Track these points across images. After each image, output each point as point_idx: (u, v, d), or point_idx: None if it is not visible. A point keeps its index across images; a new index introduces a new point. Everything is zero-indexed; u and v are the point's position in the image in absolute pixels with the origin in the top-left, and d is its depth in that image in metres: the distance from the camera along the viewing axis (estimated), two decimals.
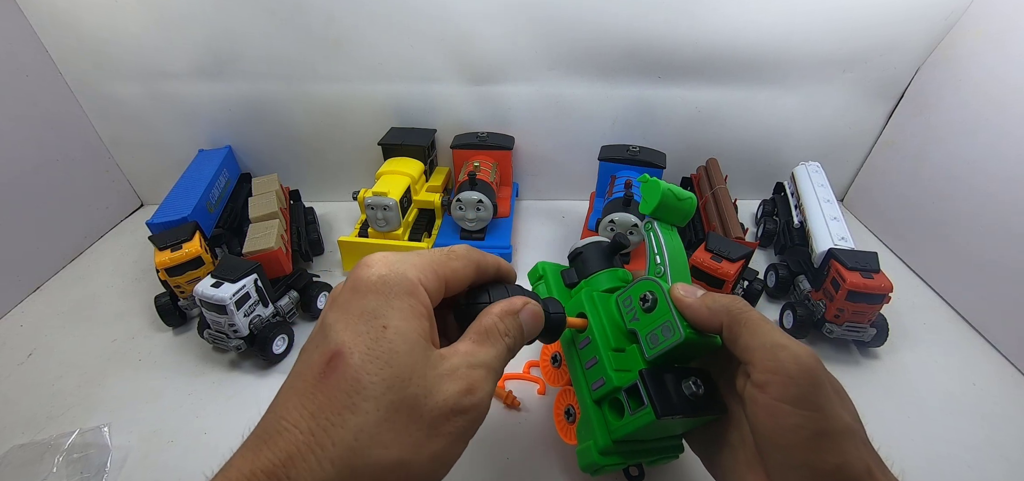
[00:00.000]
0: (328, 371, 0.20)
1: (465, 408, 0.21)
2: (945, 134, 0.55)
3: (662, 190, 0.31)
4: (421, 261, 0.24)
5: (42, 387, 0.45)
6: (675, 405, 0.25)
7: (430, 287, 0.23)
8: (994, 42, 0.51)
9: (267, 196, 0.56)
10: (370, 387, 0.19)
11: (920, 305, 0.54)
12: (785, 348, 0.24)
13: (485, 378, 0.22)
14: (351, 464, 0.18)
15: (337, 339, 0.20)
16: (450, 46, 0.58)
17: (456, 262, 0.25)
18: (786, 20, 0.55)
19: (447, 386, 0.21)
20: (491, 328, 0.24)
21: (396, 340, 0.20)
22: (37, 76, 0.57)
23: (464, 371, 0.22)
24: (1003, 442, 0.40)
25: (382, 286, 0.21)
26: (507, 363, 0.25)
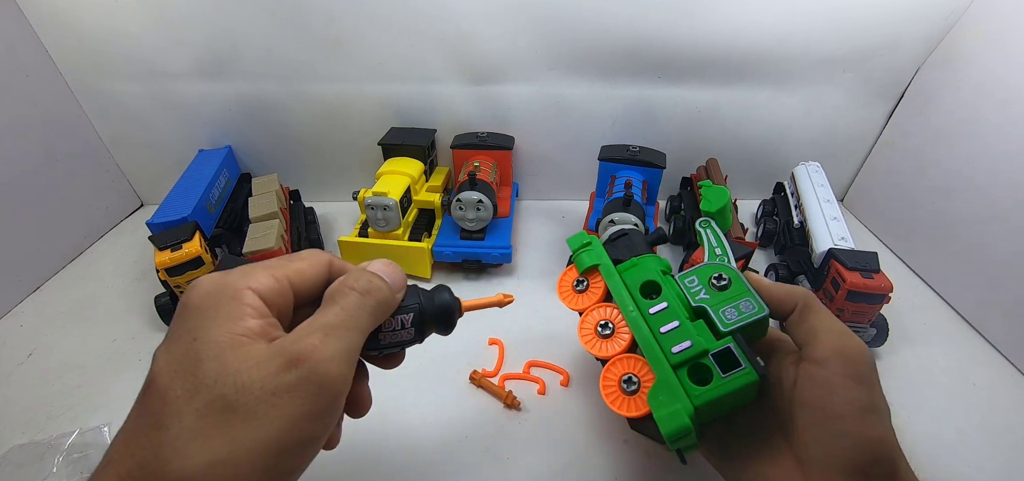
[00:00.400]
0: (142, 399, 0.20)
1: (289, 384, 0.19)
2: (945, 134, 0.55)
3: (728, 196, 0.35)
4: (253, 268, 0.23)
5: (42, 387, 0.45)
6: (762, 370, 0.27)
7: (263, 288, 0.22)
8: (994, 42, 0.51)
9: (267, 196, 0.56)
10: (175, 401, 0.18)
11: (920, 305, 0.54)
12: (849, 334, 0.28)
13: (322, 342, 0.20)
14: (169, 479, 0.17)
15: (153, 367, 0.20)
16: (450, 46, 0.58)
17: (299, 262, 0.24)
18: (786, 20, 0.55)
19: (262, 369, 0.19)
20: (335, 289, 0.23)
21: (202, 348, 0.19)
22: (37, 76, 0.57)
23: (288, 345, 0.20)
24: (1003, 442, 0.40)
25: (201, 303, 0.21)
26: (370, 322, 0.23)
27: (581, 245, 0.36)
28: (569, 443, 0.39)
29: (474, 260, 0.55)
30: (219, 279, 0.22)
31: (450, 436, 0.40)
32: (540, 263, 0.59)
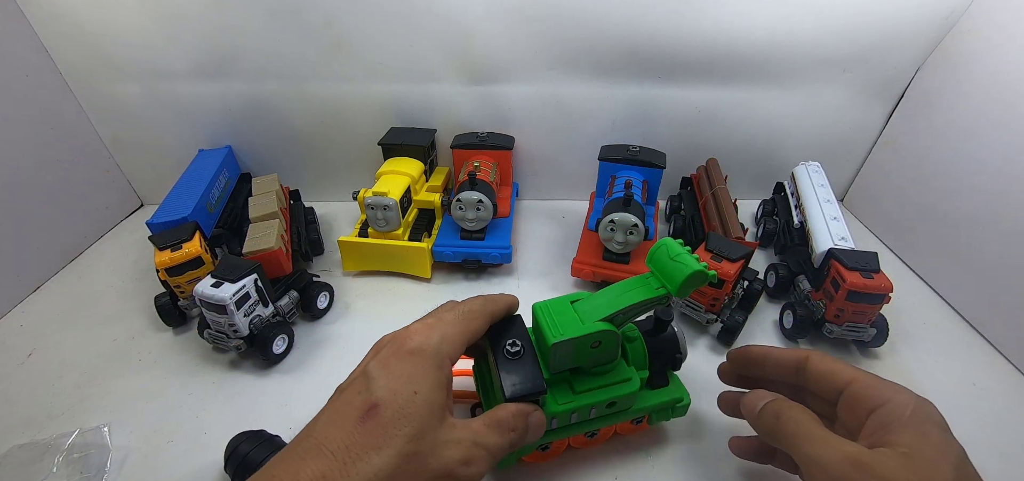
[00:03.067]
0: (367, 417, 0.24)
1: (459, 476, 0.25)
2: (945, 134, 0.55)
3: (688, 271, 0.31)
4: (452, 333, 0.29)
5: (42, 387, 0.45)
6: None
7: (455, 355, 0.29)
8: (994, 42, 0.51)
9: (267, 196, 0.56)
10: (395, 438, 0.24)
11: (920, 305, 0.54)
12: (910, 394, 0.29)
13: (483, 457, 0.27)
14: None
15: (378, 393, 0.25)
16: (450, 46, 0.58)
17: (476, 322, 0.31)
18: (786, 20, 0.55)
19: (451, 452, 0.25)
20: (503, 421, 0.29)
21: (421, 405, 0.25)
22: (37, 76, 0.57)
23: (469, 445, 0.26)
24: (1003, 442, 0.40)
25: (420, 356, 0.27)
26: (507, 454, 0.29)
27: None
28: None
29: (474, 260, 0.55)
30: (431, 338, 0.28)
31: None
32: (540, 263, 0.59)
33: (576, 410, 0.33)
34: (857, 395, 0.29)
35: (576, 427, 0.35)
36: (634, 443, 0.39)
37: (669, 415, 0.38)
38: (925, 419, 0.27)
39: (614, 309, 0.31)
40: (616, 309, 0.31)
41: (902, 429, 0.26)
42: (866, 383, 0.29)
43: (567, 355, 0.32)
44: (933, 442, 0.25)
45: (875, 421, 0.27)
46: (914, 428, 0.26)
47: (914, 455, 0.25)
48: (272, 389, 0.44)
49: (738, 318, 0.46)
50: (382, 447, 0.23)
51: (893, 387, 0.29)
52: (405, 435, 0.24)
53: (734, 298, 0.48)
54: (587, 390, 0.33)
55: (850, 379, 0.30)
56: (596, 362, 0.33)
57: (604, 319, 0.31)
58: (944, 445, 0.26)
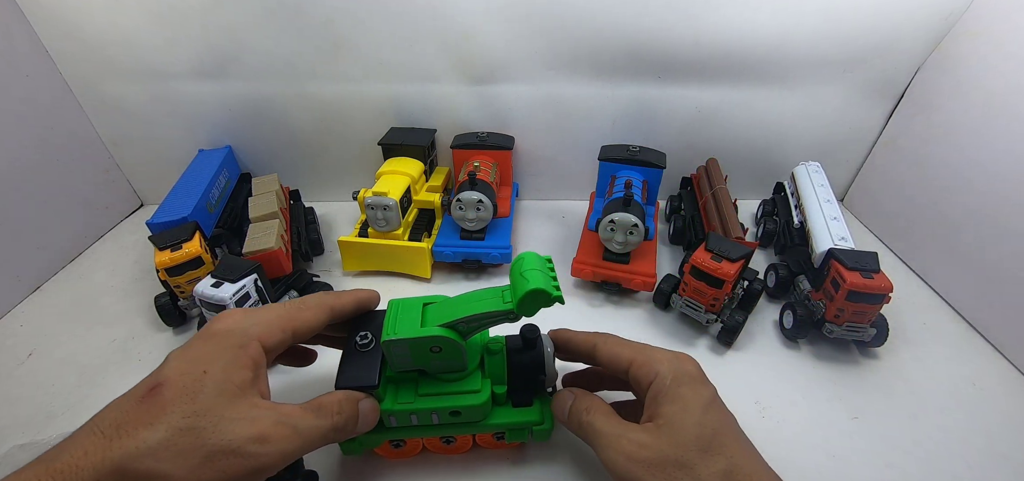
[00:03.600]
0: (147, 396, 0.24)
1: (246, 452, 0.24)
2: (945, 134, 0.55)
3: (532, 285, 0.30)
4: (268, 317, 0.29)
5: (42, 387, 0.45)
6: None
7: (270, 341, 0.29)
8: (994, 42, 0.51)
9: (267, 196, 0.56)
10: (170, 414, 0.23)
11: (920, 305, 0.54)
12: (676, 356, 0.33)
13: (289, 436, 0.26)
14: (124, 467, 0.22)
15: (165, 374, 0.25)
16: (450, 46, 0.58)
17: (306, 312, 0.31)
18: (786, 20, 0.55)
19: (238, 429, 0.24)
20: (326, 405, 0.29)
21: (209, 382, 0.25)
22: (37, 76, 0.57)
23: (267, 423, 0.25)
24: (1003, 443, 0.40)
25: (220, 337, 0.27)
26: (328, 441, 0.29)
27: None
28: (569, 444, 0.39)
29: (474, 260, 0.55)
30: (240, 320, 0.28)
31: None
32: None
33: (414, 411, 0.33)
34: (636, 377, 0.32)
35: (423, 430, 0.34)
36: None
37: (526, 436, 0.36)
38: (679, 381, 0.30)
39: (456, 316, 0.31)
40: (458, 316, 0.31)
41: (664, 398, 0.30)
42: (640, 362, 0.32)
43: (402, 355, 0.31)
44: (683, 402, 0.29)
45: (649, 397, 0.31)
46: (671, 394, 0.30)
47: (666, 424, 0.29)
48: (272, 389, 0.44)
49: (738, 318, 0.46)
50: (155, 421, 0.23)
51: (661, 357, 0.32)
52: (183, 411, 0.24)
53: (734, 298, 0.48)
54: (430, 394, 0.33)
55: (629, 360, 0.32)
56: (440, 368, 0.33)
57: (445, 325, 0.31)
58: (692, 400, 0.29)
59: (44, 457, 0.23)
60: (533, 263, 0.31)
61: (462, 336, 0.31)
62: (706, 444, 0.28)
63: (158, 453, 0.22)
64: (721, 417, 0.30)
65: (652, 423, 0.29)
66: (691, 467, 0.27)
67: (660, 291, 0.50)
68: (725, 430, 0.29)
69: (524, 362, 0.35)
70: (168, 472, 0.23)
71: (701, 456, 0.27)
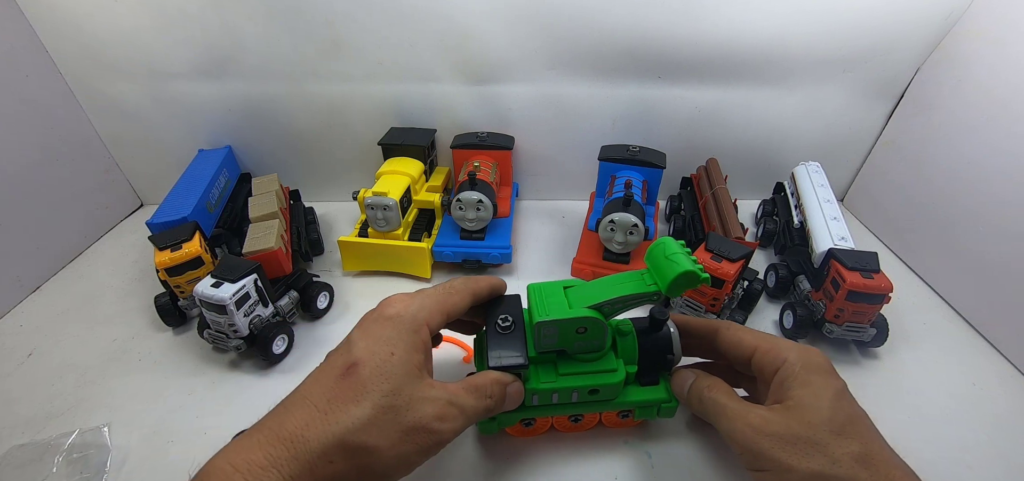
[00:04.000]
0: (346, 374, 0.27)
1: (433, 429, 0.27)
2: (945, 134, 0.55)
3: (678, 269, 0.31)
4: (429, 303, 0.31)
5: (42, 387, 0.45)
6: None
7: (433, 323, 0.31)
8: (994, 42, 0.51)
9: (267, 196, 0.56)
10: (372, 392, 0.26)
11: (920, 305, 0.54)
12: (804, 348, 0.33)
13: (458, 415, 0.29)
14: (343, 439, 0.25)
15: (357, 353, 0.28)
16: (450, 46, 0.58)
17: (455, 296, 0.33)
18: (786, 21, 0.55)
19: (427, 408, 0.27)
20: (481, 386, 0.31)
21: (397, 364, 0.28)
22: (37, 76, 0.57)
23: (444, 403, 0.28)
24: (1003, 442, 0.40)
25: (397, 321, 0.30)
26: (483, 417, 0.31)
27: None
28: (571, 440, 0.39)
29: (474, 260, 0.55)
30: (408, 305, 0.31)
31: None
32: (540, 263, 0.59)
33: (557, 390, 0.34)
34: (761, 363, 0.33)
35: (558, 408, 0.36)
36: (635, 441, 0.39)
37: (654, 413, 0.38)
38: (809, 369, 0.31)
39: (602, 298, 0.32)
40: (604, 298, 0.32)
41: (793, 383, 0.31)
42: (766, 349, 0.33)
43: (551, 336, 0.33)
44: (815, 389, 0.30)
45: (776, 381, 0.32)
46: (801, 379, 0.30)
47: (797, 405, 0.29)
48: (272, 389, 0.44)
49: (738, 318, 0.46)
50: (360, 399, 0.26)
51: (788, 346, 0.33)
52: (382, 390, 0.26)
53: (734, 298, 0.48)
54: (571, 374, 0.34)
55: (753, 347, 0.34)
56: (582, 348, 0.34)
57: (592, 307, 0.32)
58: (824, 387, 0.30)
59: (267, 423, 0.26)
60: (675, 247, 0.32)
61: (606, 317, 0.33)
62: (839, 427, 0.28)
63: (368, 428, 0.25)
64: (855, 407, 0.30)
65: (780, 404, 0.30)
66: (824, 446, 0.27)
67: None
68: (859, 418, 0.30)
69: (653, 342, 0.37)
70: (377, 445, 0.26)
71: (834, 437, 0.28)
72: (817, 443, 0.28)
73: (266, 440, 0.25)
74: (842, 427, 0.28)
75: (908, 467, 0.29)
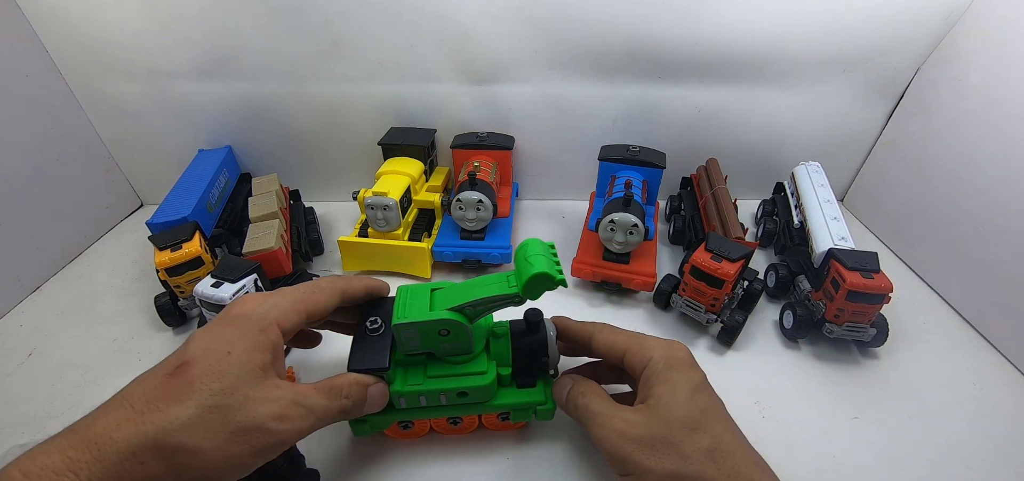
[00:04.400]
0: (175, 373, 0.26)
1: (269, 429, 0.26)
2: (945, 134, 0.55)
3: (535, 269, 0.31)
4: (284, 302, 0.30)
5: (42, 387, 0.45)
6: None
7: (287, 323, 0.30)
8: (994, 42, 0.51)
9: (267, 196, 0.56)
10: (199, 392, 0.25)
11: (920, 305, 0.54)
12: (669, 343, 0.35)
13: (303, 415, 0.28)
14: (157, 439, 0.23)
15: (191, 352, 0.26)
16: (450, 46, 0.58)
17: (318, 295, 0.32)
18: (786, 21, 0.55)
19: (262, 408, 0.26)
20: (337, 387, 0.30)
21: (233, 363, 0.26)
22: (37, 76, 0.57)
23: (285, 403, 0.27)
24: (1003, 442, 0.40)
25: (242, 320, 0.28)
26: (335, 420, 0.30)
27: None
28: (570, 426, 0.39)
29: (474, 260, 0.55)
30: (259, 305, 0.30)
31: None
32: None
33: (424, 393, 0.34)
34: (630, 364, 0.34)
35: (431, 411, 0.36)
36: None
37: (530, 415, 0.38)
38: (670, 365, 0.32)
39: (464, 300, 0.32)
40: (466, 300, 0.32)
41: (655, 381, 0.31)
42: (634, 350, 0.33)
43: (412, 338, 0.33)
44: (672, 385, 0.31)
45: (643, 380, 0.32)
46: (662, 377, 0.31)
47: (656, 403, 0.30)
48: None
49: (738, 318, 0.46)
50: (184, 399, 0.24)
51: (654, 345, 0.33)
52: (211, 389, 0.25)
53: (734, 298, 0.48)
54: (438, 376, 0.34)
55: (624, 349, 0.34)
56: (449, 351, 0.34)
57: (453, 309, 0.32)
58: (681, 383, 0.31)
59: (75, 426, 0.24)
60: (537, 249, 0.32)
61: (469, 319, 0.33)
62: (693, 423, 0.29)
63: (190, 428, 0.24)
64: (709, 399, 0.31)
65: (644, 404, 0.31)
66: (677, 444, 0.28)
67: (660, 291, 0.50)
68: (711, 411, 0.31)
69: (528, 345, 0.36)
70: (199, 446, 0.24)
71: (687, 434, 0.29)
72: (672, 442, 0.29)
73: (68, 443, 0.23)
74: (696, 423, 0.29)
75: (758, 457, 0.30)
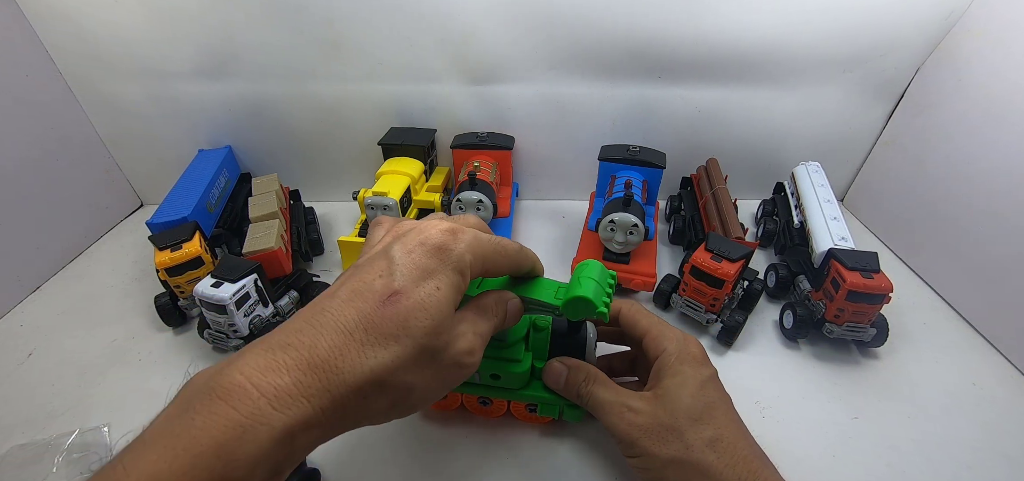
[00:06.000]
0: (388, 303, 0.24)
1: (464, 364, 0.27)
2: (945, 134, 0.55)
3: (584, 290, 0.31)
4: (477, 247, 0.28)
5: (42, 387, 0.45)
6: None
7: (475, 271, 0.28)
8: (994, 42, 0.51)
9: (267, 196, 0.56)
10: (413, 330, 0.24)
11: (920, 305, 0.54)
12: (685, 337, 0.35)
13: (481, 345, 0.28)
14: (381, 377, 0.23)
15: (400, 281, 0.25)
16: (450, 46, 0.58)
17: (502, 260, 0.30)
18: (786, 20, 0.55)
19: (459, 343, 0.27)
20: (487, 306, 0.30)
21: (441, 302, 0.25)
22: (37, 76, 0.57)
23: (471, 336, 0.27)
24: (1003, 442, 0.40)
25: (442, 254, 0.26)
26: (494, 332, 0.30)
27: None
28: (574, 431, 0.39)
29: None
30: (457, 237, 0.27)
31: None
32: None
33: None
34: (647, 347, 0.35)
35: (464, 386, 0.37)
36: None
37: (557, 412, 0.38)
38: (682, 359, 0.33)
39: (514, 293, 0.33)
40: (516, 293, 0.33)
41: (666, 372, 0.33)
42: (653, 335, 0.35)
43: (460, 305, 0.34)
44: (681, 378, 0.32)
45: (655, 368, 0.34)
46: (673, 369, 0.33)
47: (664, 393, 0.32)
48: None
49: (738, 318, 0.46)
50: (401, 337, 0.24)
51: (670, 335, 0.35)
52: (423, 329, 0.24)
53: (734, 298, 0.48)
54: None
55: (644, 330, 0.36)
56: None
57: None
58: (691, 376, 0.32)
59: (292, 342, 0.22)
60: (593, 272, 0.32)
61: None
62: (698, 415, 0.31)
63: (408, 368, 0.24)
64: (716, 394, 0.32)
65: (652, 392, 0.33)
66: (681, 432, 0.30)
67: (660, 291, 0.50)
68: (717, 405, 0.32)
69: (566, 344, 0.37)
70: (413, 383, 0.25)
71: (691, 424, 0.30)
72: (676, 430, 0.30)
73: (294, 364, 0.21)
74: (700, 414, 0.31)
75: (760, 450, 0.31)
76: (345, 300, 0.24)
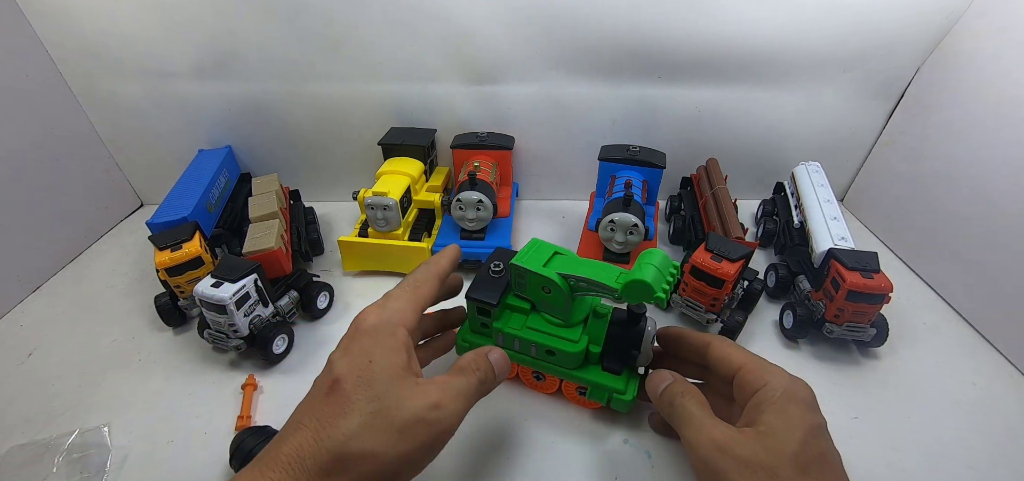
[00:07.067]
0: (330, 392, 0.28)
1: (429, 420, 0.27)
2: (945, 134, 0.55)
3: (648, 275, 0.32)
4: (399, 304, 0.32)
5: (42, 387, 0.45)
6: None
7: (409, 321, 0.32)
8: (994, 42, 0.51)
9: (267, 196, 0.56)
10: (357, 402, 0.27)
11: (920, 305, 0.54)
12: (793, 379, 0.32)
13: (453, 399, 0.29)
14: (339, 452, 0.25)
15: (338, 370, 0.28)
16: (450, 46, 0.58)
17: (423, 289, 0.34)
18: (786, 20, 0.55)
19: (416, 402, 0.28)
20: (465, 365, 0.31)
21: (377, 370, 0.28)
22: (37, 76, 0.57)
23: (434, 392, 0.28)
24: (1003, 442, 0.40)
25: (371, 332, 0.30)
26: (480, 394, 0.31)
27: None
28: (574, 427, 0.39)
29: (474, 260, 0.55)
30: (381, 315, 0.31)
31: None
32: None
33: (519, 338, 0.38)
34: (743, 380, 0.32)
35: (521, 357, 0.39)
36: (633, 442, 0.39)
37: (605, 399, 0.39)
38: (790, 399, 0.30)
39: (573, 272, 0.35)
40: (573, 272, 0.35)
41: (769, 409, 0.29)
42: (751, 369, 0.32)
43: (521, 280, 0.37)
44: (789, 419, 0.28)
45: (753, 403, 0.31)
46: (779, 407, 0.29)
47: (767, 432, 0.28)
48: (272, 389, 0.44)
49: (738, 318, 0.46)
50: (348, 411, 0.26)
51: (773, 371, 0.32)
52: (366, 397, 0.27)
53: (734, 298, 0.48)
54: (535, 329, 0.38)
55: (739, 365, 0.33)
56: (546, 306, 0.38)
57: (561, 275, 0.35)
58: (799, 420, 0.28)
59: (263, 456, 0.26)
60: (656, 259, 0.33)
61: (571, 290, 0.36)
62: (804, 466, 0.27)
63: (360, 436, 0.26)
64: (828, 448, 0.29)
65: (750, 428, 0.29)
66: (780, 478, 0.26)
67: None
68: (828, 461, 0.28)
69: (624, 334, 0.38)
70: (373, 449, 0.26)
71: (795, 473, 0.26)
72: (774, 473, 0.26)
73: (268, 467, 0.25)
74: (807, 465, 0.27)
75: None
76: (301, 407, 0.28)
